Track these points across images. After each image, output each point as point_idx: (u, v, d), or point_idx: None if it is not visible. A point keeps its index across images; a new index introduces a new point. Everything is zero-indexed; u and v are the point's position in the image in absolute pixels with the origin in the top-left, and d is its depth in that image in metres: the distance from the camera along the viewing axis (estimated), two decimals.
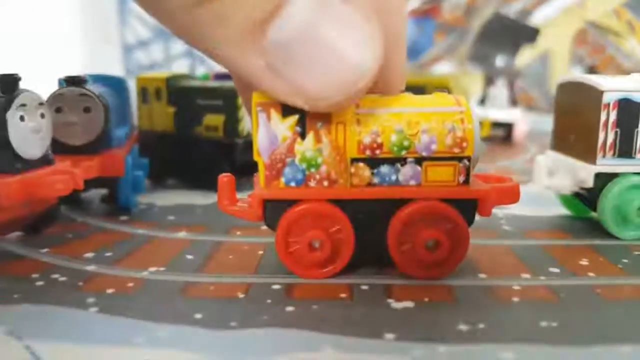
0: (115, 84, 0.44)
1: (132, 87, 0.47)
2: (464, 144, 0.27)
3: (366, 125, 0.26)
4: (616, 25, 1.12)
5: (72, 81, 0.38)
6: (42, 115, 0.32)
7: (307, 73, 0.22)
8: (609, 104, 0.33)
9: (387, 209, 0.27)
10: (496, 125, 0.75)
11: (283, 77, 0.22)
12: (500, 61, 1.14)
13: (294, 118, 0.26)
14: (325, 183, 0.27)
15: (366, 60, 0.22)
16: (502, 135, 0.76)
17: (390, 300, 0.26)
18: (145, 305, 0.25)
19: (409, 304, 0.25)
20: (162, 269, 0.29)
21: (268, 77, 0.22)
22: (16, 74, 0.31)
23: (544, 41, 1.15)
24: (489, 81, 0.79)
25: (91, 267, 0.30)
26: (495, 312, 0.24)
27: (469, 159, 0.27)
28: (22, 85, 0.31)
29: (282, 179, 0.27)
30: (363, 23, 0.22)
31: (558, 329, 0.23)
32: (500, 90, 0.77)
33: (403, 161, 0.27)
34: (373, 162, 0.27)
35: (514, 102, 0.78)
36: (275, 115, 0.26)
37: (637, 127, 0.33)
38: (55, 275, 0.29)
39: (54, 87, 0.39)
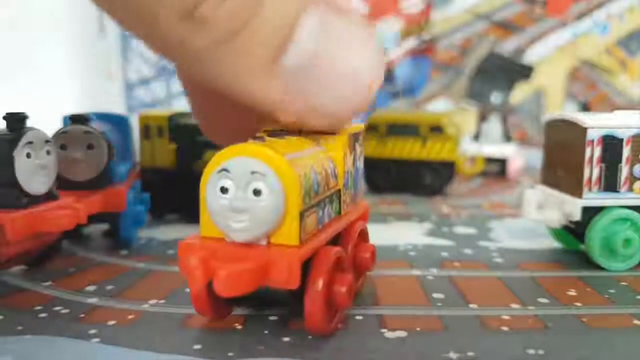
0: (118, 122, 0.45)
1: (135, 124, 0.48)
2: None
3: None
4: (609, 63, 1.15)
5: (77, 119, 0.39)
6: (48, 152, 0.33)
7: (323, 92, 0.23)
8: (593, 141, 0.34)
9: None
10: (490, 160, 0.76)
11: (300, 99, 0.23)
12: (495, 98, 1.16)
13: None
14: None
15: (375, 64, 0.24)
16: (496, 170, 0.77)
17: (383, 330, 0.26)
18: (145, 337, 0.26)
19: (401, 333, 0.26)
20: (161, 301, 0.30)
21: (286, 102, 0.23)
22: (23, 112, 0.32)
23: (538, 78, 1.17)
24: (483, 117, 0.80)
25: (92, 300, 0.30)
26: (485, 341, 0.25)
27: None
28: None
29: None
30: (363, 29, 0.23)
31: (544, 356, 0.24)
32: (494, 126, 0.78)
33: None
34: None
35: (507, 137, 0.80)
36: None
37: (621, 162, 0.35)
38: (58, 308, 0.29)
39: (55, 123, 0.40)
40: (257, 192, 0.22)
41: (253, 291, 0.22)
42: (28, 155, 0.32)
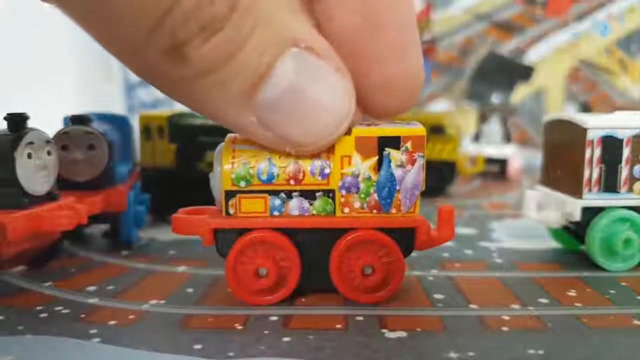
0: (119, 122, 0.45)
1: (135, 124, 0.49)
2: None
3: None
4: (608, 64, 1.15)
5: (78, 120, 0.39)
6: (49, 153, 0.33)
7: (294, 125, 0.25)
8: (593, 141, 0.34)
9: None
10: (490, 161, 0.76)
11: (272, 130, 0.25)
12: (495, 99, 1.16)
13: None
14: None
15: (344, 106, 0.25)
16: (496, 170, 0.77)
17: (384, 330, 0.26)
18: (146, 337, 0.26)
19: (402, 333, 0.26)
20: (162, 301, 0.30)
21: (259, 131, 0.25)
22: (24, 113, 0.32)
23: (538, 79, 1.17)
24: (483, 118, 0.80)
25: (93, 300, 0.30)
26: (485, 341, 0.25)
27: None
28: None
29: None
30: (336, 73, 0.24)
31: (544, 356, 0.24)
32: (494, 126, 0.79)
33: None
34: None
35: (507, 138, 0.80)
36: None
37: (621, 162, 0.35)
38: (59, 308, 0.29)
39: (56, 124, 0.40)
40: (214, 171, 0.30)
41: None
42: (29, 156, 0.32)
